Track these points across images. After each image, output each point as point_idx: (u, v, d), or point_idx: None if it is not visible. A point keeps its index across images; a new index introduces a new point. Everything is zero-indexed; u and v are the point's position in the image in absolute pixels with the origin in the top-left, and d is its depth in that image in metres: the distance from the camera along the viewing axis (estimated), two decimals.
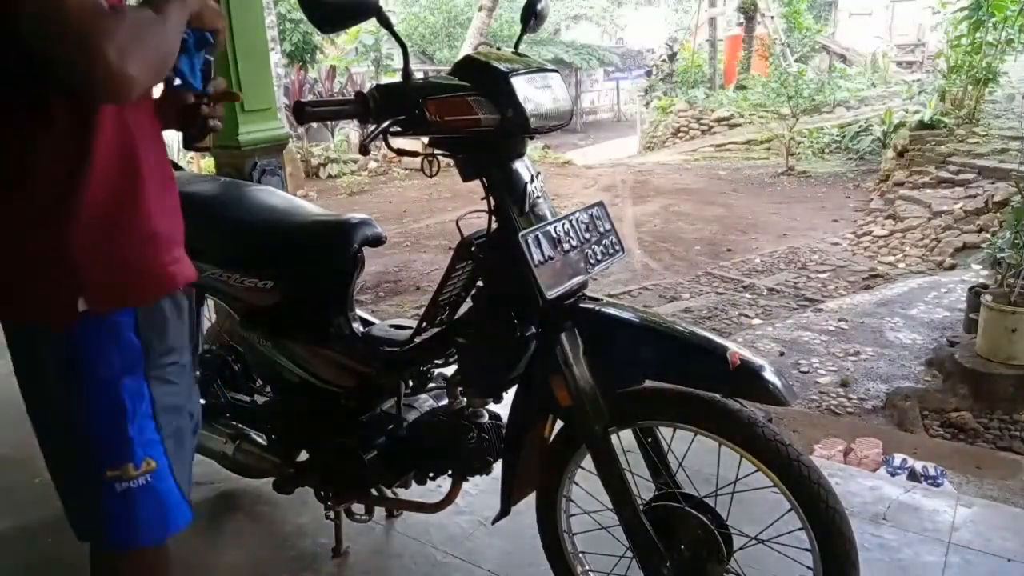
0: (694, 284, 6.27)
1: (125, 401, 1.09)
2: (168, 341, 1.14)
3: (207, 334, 2.27)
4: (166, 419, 1.14)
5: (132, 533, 1.14)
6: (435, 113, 1.29)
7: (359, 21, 1.22)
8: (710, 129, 14.31)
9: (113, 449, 1.10)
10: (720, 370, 1.27)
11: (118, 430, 1.09)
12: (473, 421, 1.63)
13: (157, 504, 1.14)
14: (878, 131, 11.22)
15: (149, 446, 1.12)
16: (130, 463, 1.10)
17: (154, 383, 1.12)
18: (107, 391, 1.08)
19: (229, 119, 2.66)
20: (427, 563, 1.96)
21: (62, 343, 1.07)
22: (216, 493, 2.31)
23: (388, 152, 3.18)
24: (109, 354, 1.08)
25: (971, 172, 8.12)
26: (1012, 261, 4.12)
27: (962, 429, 3.74)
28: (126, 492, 1.10)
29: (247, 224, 1.81)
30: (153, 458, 1.12)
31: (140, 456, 1.11)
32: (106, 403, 1.08)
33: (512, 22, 19.77)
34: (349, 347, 1.74)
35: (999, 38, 9.30)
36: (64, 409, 1.10)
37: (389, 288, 6.36)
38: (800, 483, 1.27)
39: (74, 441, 1.11)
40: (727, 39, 17.65)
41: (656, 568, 1.41)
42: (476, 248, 1.47)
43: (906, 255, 6.86)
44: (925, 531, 2.02)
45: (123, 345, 1.08)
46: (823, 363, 4.53)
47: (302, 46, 13.71)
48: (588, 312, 1.42)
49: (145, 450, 1.11)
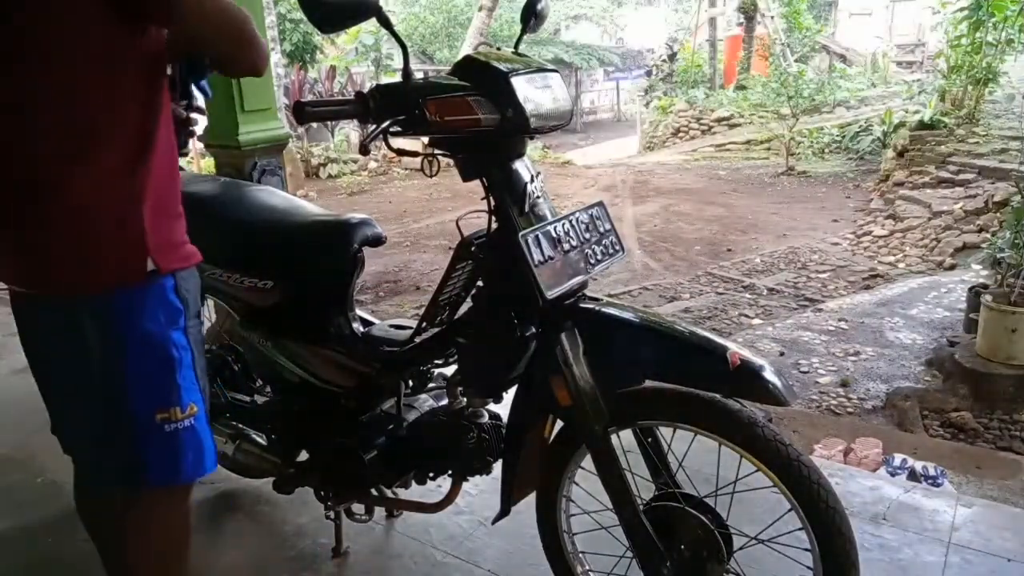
0: (694, 284, 6.27)
1: (172, 352, 1.23)
2: (194, 292, 1.29)
3: (207, 334, 2.27)
4: (200, 370, 1.29)
5: (176, 469, 1.27)
6: (435, 113, 1.29)
7: (359, 21, 1.22)
8: (710, 129, 14.32)
9: (163, 394, 1.23)
10: (720, 370, 1.27)
11: (168, 377, 1.23)
12: (473, 421, 1.63)
13: (197, 444, 1.28)
14: (878, 131, 11.23)
15: (192, 392, 1.26)
16: (177, 407, 1.24)
17: (192, 339, 1.27)
18: (158, 344, 1.22)
19: (229, 119, 2.66)
20: (427, 563, 1.96)
21: (109, 305, 1.19)
22: (216, 493, 2.31)
23: (388, 152, 3.18)
24: (157, 312, 1.21)
25: (971, 172, 8.12)
26: (1012, 261, 4.12)
27: (962, 429, 3.74)
28: (175, 432, 1.24)
29: (247, 224, 1.81)
30: (195, 403, 1.26)
31: (187, 401, 1.25)
32: (158, 354, 1.22)
33: (512, 22, 19.78)
34: (349, 347, 1.74)
35: (999, 38, 9.30)
36: (110, 366, 1.21)
37: (389, 288, 6.36)
38: (800, 483, 1.27)
39: (121, 392, 1.22)
40: (727, 39, 17.65)
41: (656, 568, 1.41)
42: (476, 248, 1.47)
43: (906, 255, 6.86)
44: (925, 531, 2.02)
45: (168, 304, 1.23)
46: (823, 363, 4.53)
47: (302, 46, 13.71)
48: (588, 312, 1.42)
49: (190, 395, 1.25)
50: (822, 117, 13.14)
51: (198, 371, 1.28)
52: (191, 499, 1.41)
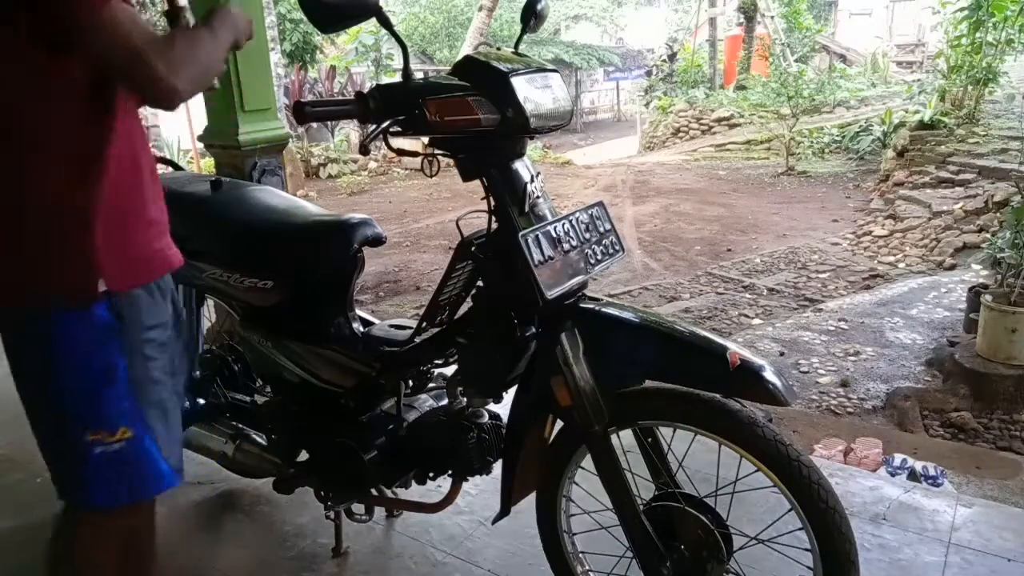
0: (694, 284, 6.27)
1: (101, 374, 1.19)
2: (143, 319, 1.24)
3: (207, 334, 2.27)
4: (145, 391, 1.24)
5: (109, 493, 1.25)
6: (435, 113, 1.29)
7: (359, 21, 1.22)
8: (710, 129, 14.31)
9: (89, 416, 1.21)
10: (720, 370, 1.27)
11: (93, 399, 1.20)
12: (473, 421, 1.63)
13: (134, 469, 1.25)
14: (878, 131, 11.21)
15: (125, 416, 1.22)
16: (105, 429, 1.21)
17: (131, 357, 1.22)
18: (81, 364, 1.19)
19: (229, 119, 2.66)
20: (427, 563, 1.96)
21: (40, 320, 1.18)
22: (216, 493, 2.31)
23: (388, 152, 3.18)
24: (81, 330, 1.18)
25: (971, 172, 8.11)
26: (1012, 261, 4.11)
27: (962, 429, 3.74)
28: (104, 455, 1.21)
29: (247, 224, 1.81)
30: (129, 427, 1.22)
31: (116, 424, 1.21)
32: (81, 374, 1.19)
33: (512, 22, 19.80)
34: (349, 347, 1.74)
35: (999, 38, 9.30)
36: (46, 381, 1.21)
37: (389, 288, 6.36)
38: (800, 483, 1.27)
39: (56, 408, 1.22)
40: (727, 39, 17.66)
41: (656, 568, 1.41)
42: (476, 248, 1.47)
43: (906, 255, 6.85)
44: (925, 531, 2.02)
45: (95, 322, 1.18)
46: (823, 363, 4.53)
47: (302, 46, 13.71)
48: (588, 312, 1.42)
49: (122, 419, 1.22)
50: (822, 117, 13.14)
51: (139, 392, 1.23)
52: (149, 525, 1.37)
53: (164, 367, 1.29)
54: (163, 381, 1.28)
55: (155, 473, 1.27)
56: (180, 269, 1.33)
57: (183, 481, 1.31)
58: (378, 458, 1.72)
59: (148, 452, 1.25)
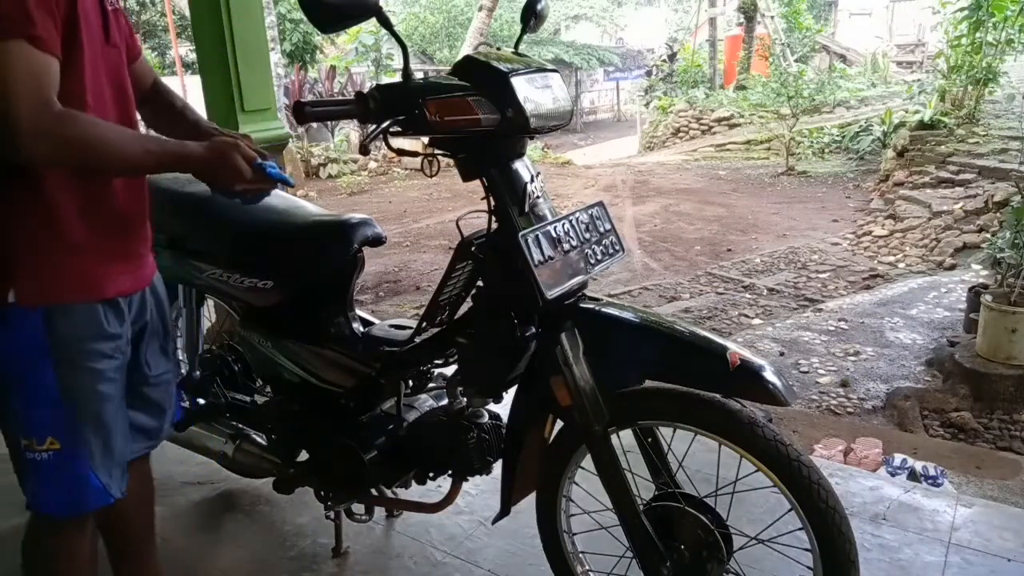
0: (694, 284, 6.27)
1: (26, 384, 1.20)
2: (79, 332, 1.22)
3: (207, 334, 2.27)
4: (83, 405, 1.24)
5: (36, 499, 1.28)
6: (435, 113, 1.29)
7: (359, 21, 1.22)
8: (710, 129, 14.32)
9: (15, 422, 1.24)
10: (720, 370, 1.27)
11: (17, 405, 1.22)
12: (473, 421, 1.63)
13: (60, 482, 1.25)
14: (878, 131, 11.22)
15: (51, 427, 1.22)
16: (34, 438, 1.23)
17: (64, 369, 1.21)
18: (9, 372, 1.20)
19: (229, 119, 2.66)
20: (427, 563, 1.96)
21: None
22: (216, 493, 2.31)
23: (388, 152, 3.18)
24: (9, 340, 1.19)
25: (971, 172, 8.11)
26: (1012, 261, 4.11)
27: (962, 429, 3.74)
28: (34, 462, 1.24)
29: (247, 224, 1.81)
30: (57, 439, 1.23)
31: (43, 435, 1.22)
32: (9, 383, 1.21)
33: (512, 22, 19.80)
34: (349, 347, 1.74)
35: (999, 38, 9.30)
36: None
37: (389, 288, 6.36)
38: (800, 483, 1.27)
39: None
40: (727, 39, 17.66)
41: (656, 568, 1.41)
42: (476, 248, 1.47)
43: (906, 255, 6.85)
44: (925, 531, 2.02)
45: (25, 332, 1.18)
46: (823, 363, 4.53)
47: (302, 46, 13.73)
48: (588, 312, 1.42)
49: (48, 430, 1.22)
50: (822, 117, 13.14)
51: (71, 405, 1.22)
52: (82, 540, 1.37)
53: (114, 384, 1.27)
54: (110, 397, 1.27)
55: (81, 489, 1.27)
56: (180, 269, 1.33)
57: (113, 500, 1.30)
58: (378, 458, 1.72)
59: (77, 465, 1.25)
